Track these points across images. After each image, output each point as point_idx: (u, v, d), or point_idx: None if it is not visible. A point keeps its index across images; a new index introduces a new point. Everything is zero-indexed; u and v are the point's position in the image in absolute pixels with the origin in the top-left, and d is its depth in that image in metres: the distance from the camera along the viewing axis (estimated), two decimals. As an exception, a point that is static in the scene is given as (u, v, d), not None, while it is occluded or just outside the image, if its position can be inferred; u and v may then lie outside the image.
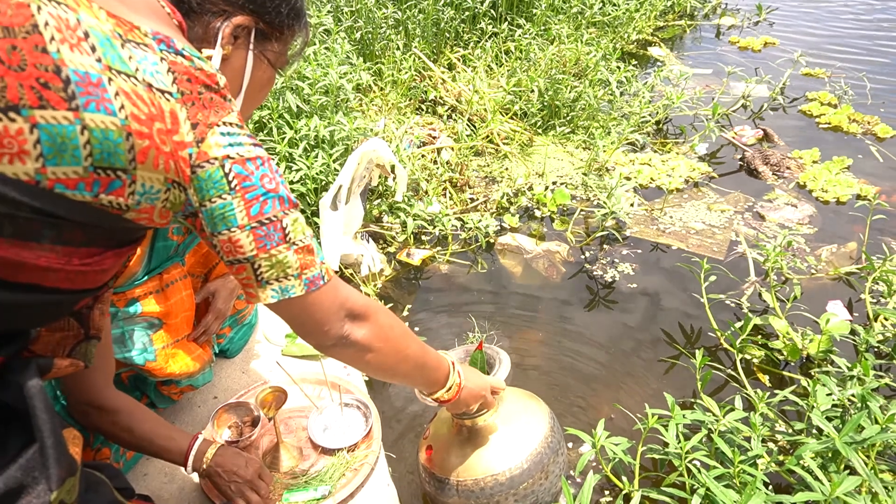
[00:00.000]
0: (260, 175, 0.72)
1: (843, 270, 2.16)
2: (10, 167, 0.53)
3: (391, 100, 3.00)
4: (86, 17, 0.58)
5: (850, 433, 1.23)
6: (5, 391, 0.64)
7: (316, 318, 0.84)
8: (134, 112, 0.60)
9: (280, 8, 0.86)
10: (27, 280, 0.60)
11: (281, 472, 1.46)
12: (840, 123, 3.17)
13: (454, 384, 1.13)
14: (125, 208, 0.63)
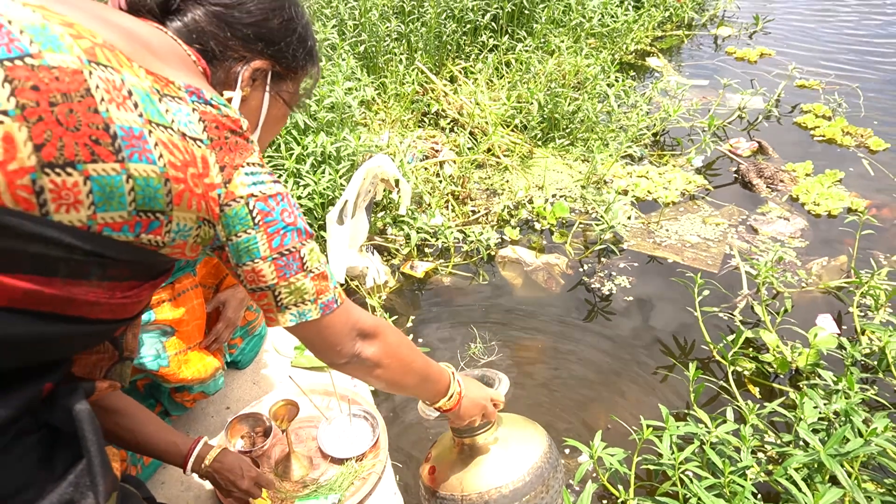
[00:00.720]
0: (280, 210, 0.79)
1: (832, 284, 2.23)
2: (67, 215, 0.59)
3: (394, 113, 3.07)
4: (129, 76, 0.65)
5: (834, 446, 1.30)
6: (55, 414, 0.70)
7: (330, 339, 0.91)
8: (171, 160, 0.66)
9: (296, 52, 0.93)
10: (75, 313, 0.66)
11: (292, 480, 1.53)
12: (834, 136, 3.24)
13: (455, 393, 1.20)
14: (161, 245, 0.70)
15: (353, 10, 3.20)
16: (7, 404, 0.63)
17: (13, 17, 0.58)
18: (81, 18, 0.65)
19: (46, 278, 0.60)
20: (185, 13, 0.83)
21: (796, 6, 5.41)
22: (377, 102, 3.12)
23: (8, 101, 0.54)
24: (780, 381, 1.88)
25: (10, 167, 0.55)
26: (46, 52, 0.58)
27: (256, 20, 0.86)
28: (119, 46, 0.66)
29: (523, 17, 3.75)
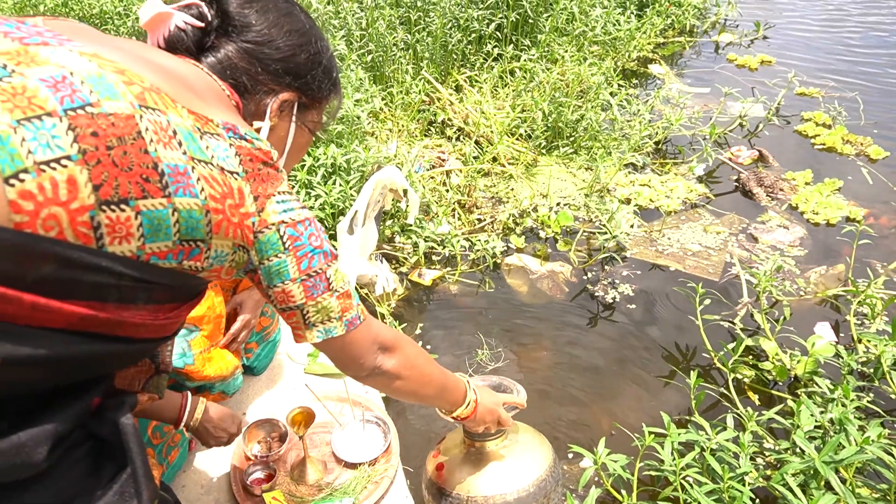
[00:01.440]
0: (308, 235, 0.85)
1: (830, 293, 2.29)
2: (119, 247, 0.65)
3: (401, 122, 3.13)
4: (173, 117, 0.71)
5: (829, 453, 1.36)
6: (102, 427, 0.76)
7: (353, 354, 0.98)
8: (211, 193, 0.72)
9: (321, 84, 0.99)
10: (123, 334, 0.71)
11: (307, 484, 1.59)
12: (834, 144, 3.29)
13: (471, 401, 1.26)
14: (200, 269, 0.76)
15: (361, 21, 3.26)
16: (64, 419, 0.69)
17: (74, 68, 0.64)
18: (130, 63, 0.71)
19: (100, 303, 0.66)
20: (218, 49, 0.89)
21: (797, 14, 5.46)
22: (384, 112, 3.18)
23: (71, 147, 0.60)
24: (779, 389, 1.93)
25: (73, 206, 0.61)
26: (104, 100, 0.64)
27: (285, 56, 0.92)
28: (164, 88, 0.72)
29: (527, 26, 3.81)
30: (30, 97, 0.60)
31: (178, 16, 0.87)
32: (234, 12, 0.89)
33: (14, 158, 0.58)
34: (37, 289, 0.61)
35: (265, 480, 1.57)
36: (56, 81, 0.62)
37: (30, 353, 0.62)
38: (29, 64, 0.63)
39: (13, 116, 0.58)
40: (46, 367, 0.65)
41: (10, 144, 0.58)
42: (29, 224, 0.59)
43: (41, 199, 0.59)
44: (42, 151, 0.59)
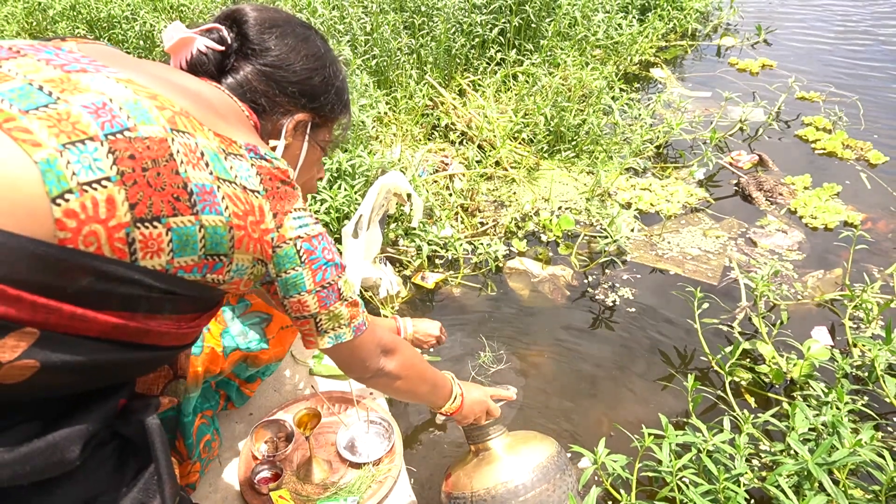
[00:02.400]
0: (321, 248, 0.90)
1: (827, 297, 2.32)
2: (150, 261, 0.70)
3: (405, 127, 3.17)
4: (201, 139, 0.76)
5: (822, 455, 1.40)
6: (128, 427, 0.81)
7: (360, 357, 1.05)
8: (234, 210, 0.77)
9: (334, 105, 1.05)
10: (149, 342, 0.76)
11: (313, 483, 1.63)
12: (835, 149, 3.32)
13: (457, 395, 1.36)
14: (221, 282, 0.81)
15: (365, 26, 3.30)
16: (94, 420, 0.73)
17: (112, 95, 0.69)
18: (160, 88, 0.76)
19: (131, 313, 0.71)
20: (238, 71, 0.94)
21: (800, 18, 5.49)
22: (388, 116, 3.22)
23: (111, 169, 0.65)
24: (775, 391, 1.97)
25: (111, 223, 0.65)
26: (140, 124, 0.69)
27: (301, 79, 0.98)
28: (192, 112, 0.77)
29: (530, 31, 3.84)
30: (74, 122, 0.65)
31: (200, 40, 0.92)
32: (254, 37, 0.94)
33: (60, 180, 0.62)
34: (75, 300, 0.65)
35: (272, 479, 1.61)
36: (97, 108, 0.67)
37: (67, 359, 0.66)
38: (72, 91, 0.67)
39: (59, 141, 0.63)
40: (80, 372, 0.69)
41: (57, 167, 0.62)
42: (71, 240, 0.63)
43: (83, 217, 0.63)
44: (85, 173, 0.63)
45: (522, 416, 1.94)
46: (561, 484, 1.45)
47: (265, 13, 0.97)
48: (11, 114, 0.63)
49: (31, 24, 3.91)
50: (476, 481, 1.44)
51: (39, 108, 0.64)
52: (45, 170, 0.61)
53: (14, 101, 0.64)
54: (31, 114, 0.63)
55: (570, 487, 1.46)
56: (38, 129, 0.62)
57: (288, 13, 1.02)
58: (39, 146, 0.62)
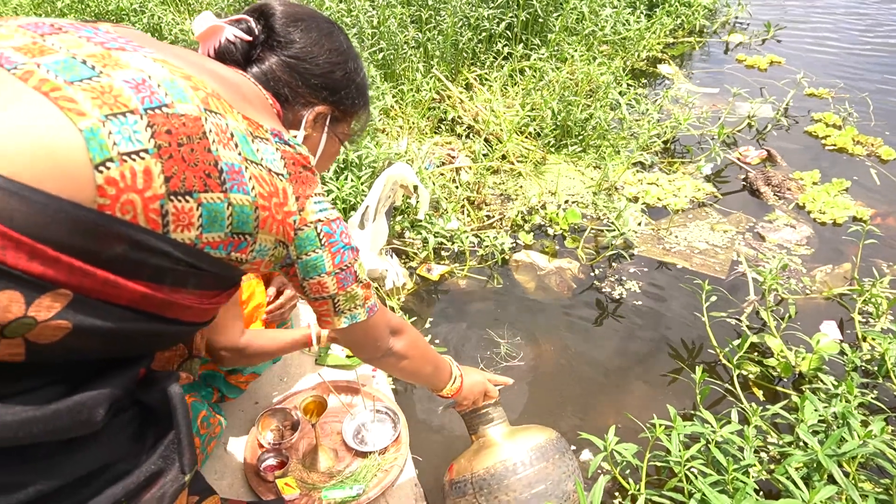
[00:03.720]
0: (339, 232, 0.93)
1: (835, 291, 2.30)
2: (181, 234, 0.72)
3: (412, 120, 3.17)
4: (231, 121, 0.78)
5: (831, 447, 1.38)
6: (151, 395, 0.83)
7: (372, 336, 1.09)
8: (260, 191, 0.79)
9: (354, 100, 1.08)
10: (172, 315, 0.78)
11: (319, 471, 1.63)
12: (845, 145, 3.30)
13: (457, 377, 1.41)
14: (244, 262, 0.83)
15: (372, 19, 3.29)
16: (117, 385, 0.76)
17: (151, 72, 0.72)
18: (193, 70, 0.79)
19: (158, 285, 0.73)
20: (263, 62, 0.97)
21: (808, 15, 5.46)
22: (395, 109, 3.22)
23: (149, 142, 0.67)
24: (783, 385, 1.96)
25: (147, 194, 0.67)
26: (176, 102, 0.71)
27: (323, 71, 1.01)
28: (223, 95, 0.80)
29: (537, 25, 3.83)
30: (116, 96, 0.67)
31: (229, 29, 0.95)
32: (280, 29, 0.98)
33: (103, 148, 0.64)
34: (109, 266, 0.67)
35: (278, 467, 1.61)
36: (137, 83, 0.70)
37: (97, 323, 0.68)
38: (114, 66, 0.70)
39: (102, 112, 0.65)
40: (107, 338, 0.71)
41: (100, 136, 0.64)
42: (109, 207, 0.65)
43: (122, 186, 0.65)
44: (125, 144, 0.66)
45: (528, 409, 1.93)
46: (560, 465, 1.45)
47: (291, 8, 1.01)
48: (57, 84, 0.65)
49: (39, 16, 3.92)
50: (476, 464, 1.45)
51: (83, 81, 0.67)
52: (88, 138, 0.64)
53: (59, 73, 0.66)
54: (76, 85, 0.66)
55: (571, 470, 1.45)
56: (82, 100, 0.65)
57: (313, 9, 1.06)
58: (84, 115, 0.64)
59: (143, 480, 0.78)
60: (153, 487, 0.80)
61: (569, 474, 1.44)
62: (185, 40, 3.44)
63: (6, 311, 0.61)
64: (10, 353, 0.64)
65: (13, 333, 0.63)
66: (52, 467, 0.71)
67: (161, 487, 0.80)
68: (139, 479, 0.78)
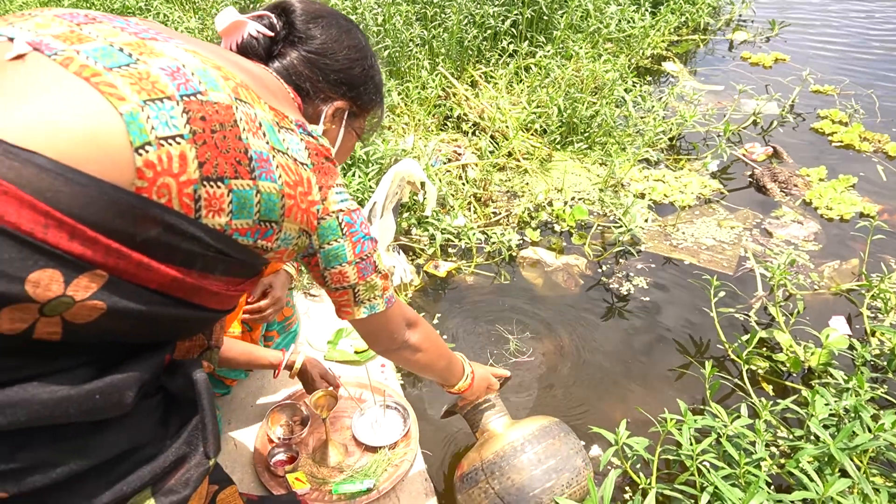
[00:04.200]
0: (359, 223, 0.94)
1: (843, 287, 2.30)
2: (212, 220, 0.73)
3: (418, 117, 3.17)
4: (259, 111, 0.79)
5: (843, 440, 1.38)
6: (175, 380, 0.84)
7: (390, 327, 1.10)
8: (286, 180, 0.80)
9: (372, 96, 1.10)
10: (199, 302, 0.79)
11: (329, 466, 1.63)
12: (852, 142, 3.29)
13: (469, 374, 1.43)
14: (269, 250, 0.84)
15: (378, 16, 3.29)
16: (145, 368, 0.77)
17: (185, 61, 0.74)
18: (222, 62, 0.80)
19: (188, 269, 0.74)
20: (284, 56, 0.99)
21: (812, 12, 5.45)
22: (401, 106, 3.22)
23: (185, 128, 0.69)
24: (792, 380, 1.95)
25: (182, 178, 0.69)
26: (210, 90, 0.73)
27: (343, 67, 1.02)
28: (250, 86, 0.81)
29: (542, 22, 3.83)
30: (153, 82, 0.69)
31: (252, 25, 0.97)
32: (300, 25, 1.00)
33: (142, 132, 0.66)
34: (142, 249, 0.68)
35: (288, 462, 1.61)
36: (173, 71, 0.72)
37: (130, 306, 0.69)
38: (149, 55, 0.72)
39: (141, 97, 0.67)
40: (137, 321, 0.72)
41: (139, 120, 0.66)
42: (146, 190, 0.67)
43: (159, 169, 0.67)
44: (162, 128, 0.67)
45: (537, 404, 1.93)
46: (567, 441, 1.46)
47: (311, 5, 1.03)
48: (97, 70, 0.67)
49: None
50: (484, 452, 1.47)
51: (122, 67, 0.69)
52: (129, 121, 0.65)
53: (98, 59, 0.68)
54: (115, 71, 0.68)
55: (578, 447, 1.46)
56: (121, 85, 0.67)
57: (332, 8, 1.08)
58: (124, 100, 0.66)
59: (168, 464, 0.80)
60: (179, 471, 0.81)
61: (577, 451, 1.45)
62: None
63: (47, 289, 0.63)
64: (48, 331, 0.66)
65: (52, 312, 0.64)
66: (84, 447, 0.72)
67: (186, 472, 0.81)
68: (165, 463, 0.79)
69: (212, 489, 1.01)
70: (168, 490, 0.80)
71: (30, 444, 0.68)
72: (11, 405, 0.64)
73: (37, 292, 0.62)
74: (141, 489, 0.77)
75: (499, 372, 1.60)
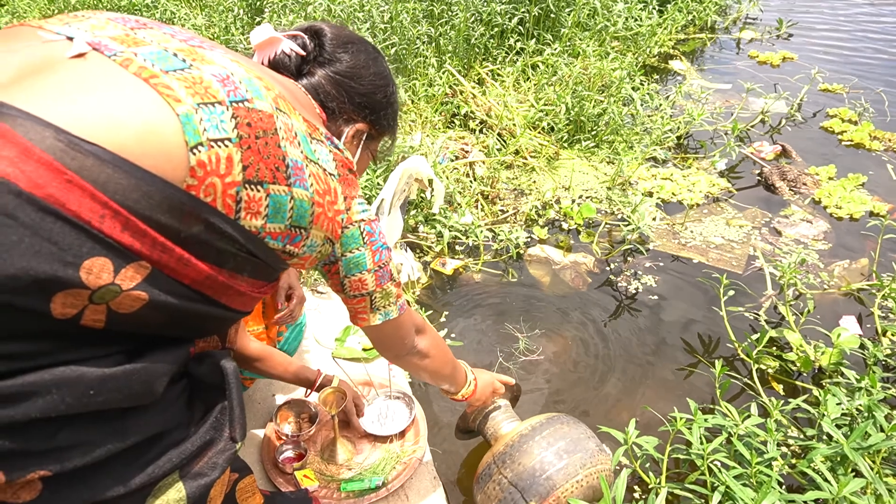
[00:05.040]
0: (378, 232, 0.98)
1: (854, 286, 2.28)
2: (248, 221, 0.76)
3: (425, 115, 3.16)
4: (295, 122, 0.83)
5: (857, 440, 1.37)
6: (202, 368, 0.86)
7: (401, 333, 1.14)
8: (317, 188, 0.84)
9: (390, 121, 1.15)
10: (225, 301, 0.82)
11: (338, 463, 1.62)
12: (862, 140, 3.27)
13: (471, 381, 1.46)
14: (293, 255, 0.87)
15: (385, 14, 3.28)
16: (173, 359, 0.79)
17: (232, 70, 0.78)
18: (262, 73, 0.84)
19: (219, 268, 0.77)
20: (313, 75, 1.03)
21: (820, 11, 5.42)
22: (408, 104, 3.21)
23: (232, 132, 0.73)
24: (803, 380, 1.94)
25: (227, 180, 0.72)
26: (255, 98, 0.77)
27: (367, 91, 1.07)
28: (286, 97, 0.85)
29: (549, 20, 3.82)
30: (206, 87, 0.73)
31: (286, 42, 1.02)
32: (330, 48, 1.05)
33: (195, 133, 0.70)
34: (184, 244, 0.71)
35: (296, 459, 1.61)
36: (223, 78, 0.76)
37: (168, 300, 0.72)
38: (201, 61, 0.76)
39: (195, 100, 0.71)
40: (172, 314, 0.75)
41: (193, 122, 0.70)
42: (195, 188, 0.70)
43: (209, 170, 0.70)
44: (213, 131, 0.71)
45: (545, 403, 1.92)
46: (576, 426, 1.46)
47: (341, 31, 1.08)
48: (155, 72, 0.71)
49: (52, 11, 3.93)
50: (494, 448, 1.48)
51: (177, 71, 0.73)
52: (185, 122, 0.69)
53: (155, 62, 0.72)
54: (171, 74, 0.72)
55: (589, 433, 1.46)
56: (177, 88, 0.71)
57: (360, 36, 1.13)
58: (180, 102, 0.70)
59: (195, 449, 0.82)
60: (206, 455, 0.84)
61: (588, 435, 1.45)
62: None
63: (98, 277, 0.65)
64: (94, 318, 0.68)
65: (100, 300, 0.67)
66: (122, 429, 0.75)
67: (213, 456, 0.84)
68: (193, 447, 0.82)
69: (232, 477, 1.04)
70: (195, 473, 0.83)
71: (70, 424, 0.70)
72: (58, 384, 0.67)
73: (89, 279, 0.65)
74: (171, 472, 0.80)
75: (504, 379, 1.62)
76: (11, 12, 3.85)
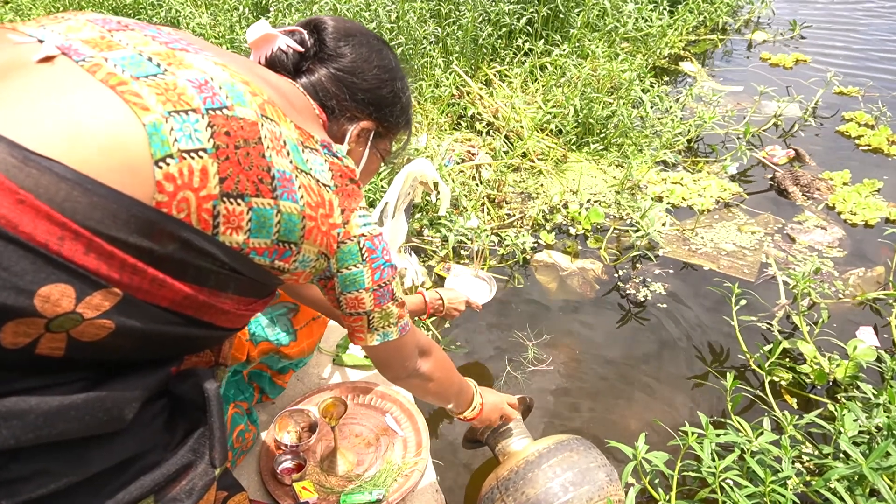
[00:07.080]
0: (381, 249, 0.91)
1: (870, 296, 2.22)
2: (229, 237, 0.71)
3: (431, 116, 3.11)
4: (284, 129, 0.78)
5: (876, 459, 1.32)
6: (184, 387, 0.81)
7: (401, 355, 1.07)
8: (308, 201, 0.78)
9: (398, 119, 1.08)
10: (209, 319, 0.77)
11: (338, 475, 1.58)
12: (880, 145, 3.20)
13: (477, 405, 1.40)
14: (285, 271, 0.82)
15: (391, 13, 3.24)
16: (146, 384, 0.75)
17: (213, 74, 0.72)
18: (250, 77, 0.79)
19: (199, 287, 0.72)
20: (313, 73, 0.98)
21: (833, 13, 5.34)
22: (414, 105, 3.17)
23: (208, 142, 0.67)
24: (817, 393, 1.88)
25: (202, 193, 0.67)
26: (236, 105, 0.71)
27: (371, 87, 1.01)
28: (276, 103, 0.80)
29: (558, 21, 3.77)
30: (179, 94, 0.68)
31: (283, 39, 0.97)
32: (331, 43, 0.99)
33: (164, 144, 0.65)
34: (158, 264, 0.67)
35: (295, 470, 1.56)
36: (200, 84, 0.71)
37: (139, 326, 0.68)
38: (178, 66, 0.71)
39: (165, 108, 0.66)
40: (145, 340, 0.70)
41: (162, 132, 0.65)
42: (166, 204, 0.65)
43: (179, 183, 0.65)
44: (185, 141, 0.66)
45: (554, 415, 1.87)
46: (587, 455, 1.41)
47: (343, 24, 1.02)
48: (124, 78, 0.66)
49: (57, 8, 3.91)
50: (499, 471, 1.43)
51: (149, 77, 0.68)
52: (151, 133, 0.64)
53: (126, 68, 0.68)
54: (142, 80, 0.67)
55: (600, 462, 1.41)
56: (147, 95, 0.66)
57: (364, 27, 1.06)
58: (148, 110, 0.65)
59: (172, 473, 0.78)
60: (182, 480, 0.79)
61: (599, 465, 1.40)
62: (203, 35, 3.41)
63: (56, 305, 0.61)
64: (52, 346, 0.64)
65: (59, 328, 0.62)
66: (84, 457, 0.70)
67: (190, 481, 0.79)
68: (169, 472, 0.77)
69: (220, 495, 0.98)
70: (170, 499, 0.78)
71: (22, 454, 0.65)
72: (10, 416, 0.62)
73: (45, 307, 0.60)
74: (141, 498, 0.75)
75: (513, 400, 1.56)
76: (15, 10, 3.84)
